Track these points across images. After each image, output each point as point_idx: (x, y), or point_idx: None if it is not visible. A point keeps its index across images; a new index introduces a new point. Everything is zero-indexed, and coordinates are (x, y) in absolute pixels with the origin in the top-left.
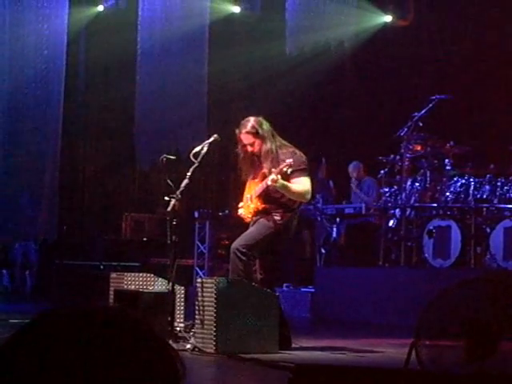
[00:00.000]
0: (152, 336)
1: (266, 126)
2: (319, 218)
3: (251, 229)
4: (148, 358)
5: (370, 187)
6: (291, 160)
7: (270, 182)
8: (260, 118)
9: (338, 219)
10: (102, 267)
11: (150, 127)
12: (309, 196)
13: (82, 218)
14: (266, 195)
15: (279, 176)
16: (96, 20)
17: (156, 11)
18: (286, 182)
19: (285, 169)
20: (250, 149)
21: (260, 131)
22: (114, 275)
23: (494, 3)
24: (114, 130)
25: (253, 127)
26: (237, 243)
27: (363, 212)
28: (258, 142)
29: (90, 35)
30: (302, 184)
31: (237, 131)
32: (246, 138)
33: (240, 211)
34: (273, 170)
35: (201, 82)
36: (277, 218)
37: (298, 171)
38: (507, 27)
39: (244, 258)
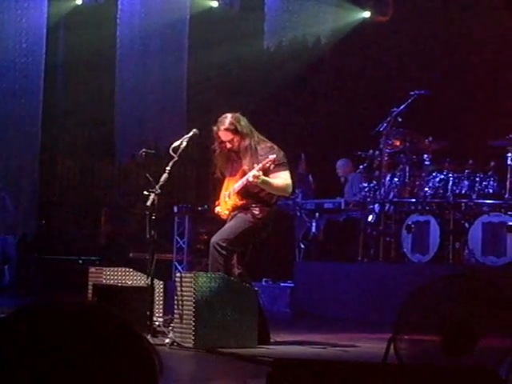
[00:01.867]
0: (128, 331)
1: (243, 122)
2: (298, 213)
3: (230, 223)
4: (124, 353)
5: (360, 183)
6: (274, 156)
7: (251, 179)
8: (237, 115)
9: (317, 214)
10: (80, 262)
11: (130, 121)
12: (290, 190)
13: (61, 213)
14: (246, 191)
15: (261, 172)
16: (75, 14)
17: (135, 5)
18: (267, 178)
19: (267, 164)
20: (228, 145)
21: (239, 128)
22: (92, 270)
23: None
24: (93, 125)
25: (231, 124)
26: (216, 238)
27: (342, 207)
28: (236, 138)
29: (69, 29)
30: (282, 178)
31: (214, 128)
32: (225, 135)
33: (217, 209)
34: (255, 165)
35: (180, 76)
36: (255, 212)
37: (277, 166)
38: (487, 21)
39: (224, 253)
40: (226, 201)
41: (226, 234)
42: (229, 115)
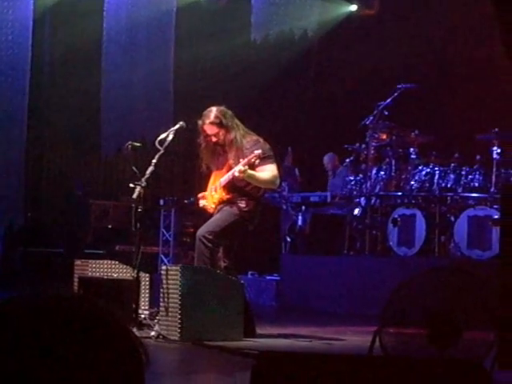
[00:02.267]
0: (113, 323)
1: (229, 115)
2: (284, 206)
3: (216, 216)
4: (109, 345)
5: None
6: (260, 151)
7: (237, 174)
8: (223, 108)
9: (303, 207)
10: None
11: (116, 114)
12: (277, 182)
13: (47, 206)
14: (232, 185)
15: (247, 166)
16: (61, 5)
17: None
18: (253, 172)
19: (253, 160)
20: (214, 139)
21: (224, 121)
22: (78, 262)
23: None
24: (80, 117)
25: (216, 117)
26: (202, 230)
27: (329, 200)
28: (222, 132)
29: (55, 21)
30: (268, 172)
31: (199, 122)
32: (210, 129)
33: (202, 202)
34: (241, 160)
35: (167, 69)
36: (242, 205)
37: (263, 159)
38: (473, 16)
39: (210, 245)
40: (213, 195)
41: (212, 227)
42: (214, 109)
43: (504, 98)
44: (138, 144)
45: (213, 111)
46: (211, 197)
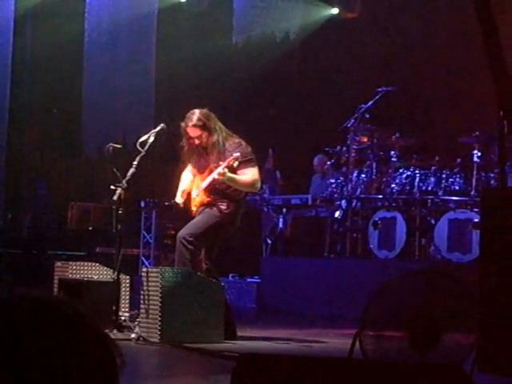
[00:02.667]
0: (87, 325)
1: (212, 117)
2: (266, 209)
3: (197, 218)
4: (83, 347)
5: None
6: (238, 154)
7: (217, 176)
8: (206, 110)
9: (284, 210)
10: (46, 256)
11: (97, 116)
12: (258, 186)
13: (27, 207)
14: (213, 188)
15: (226, 169)
16: (43, 7)
17: None
18: (233, 175)
19: (231, 162)
20: (197, 142)
21: (207, 123)
22: (58, 264)
23: None
24: (61, 118)
25: (199, 120)
26: (183, 232)
27: (309, 203)
28: (204, 134)
29: (36, 22)
30: (249, 175)
31: (182, 124)
32: (193, 131)
33: (180, 200)
34: (220, 163)
35: (148, 70)
36: (222, 207)
37: (244, 162)
38: (453, 20)
39: (190, 247)
40: (194, 198)
41: (193, 229)
42: (197, 111)
43: (484, 101)
44: (119, 146)
45: (196, 114)
46: (193, 200)
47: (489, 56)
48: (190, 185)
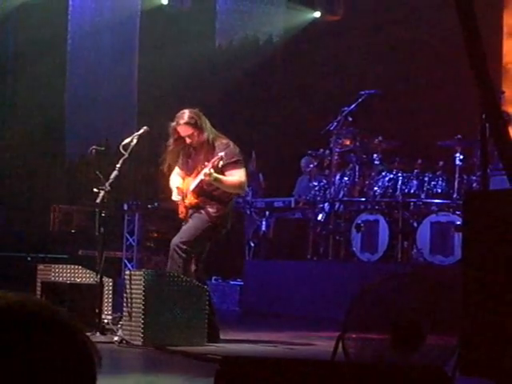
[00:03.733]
0: (64, 325)
1: (202, 117)
2: (248, 212)
3: (189, 224)
4: (60, 347)
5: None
6: (222, 153)
7: (203, 176)
8: (196, 110)
9: (267, 212)
10: (29, 259)
11: (80, 118)
12: (245, 187)
13: (9, 210)
14: (200, 190)
15: (212, 170)
16: (25, 9)
17: (86, 1)
18: (219, 176)
19: (216, 162)
20: (188, 140)
21: (198, 122)
22: (41, 267)
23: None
24: (44, 121)
25: (191, 118)
26: (177, 240)
27: (292, 205)
28: (196, 132)
29: (19, 23)
30: (236, 176)
31: (172, 124)
32: (185, 130)
33: (176, 196)
34: (206, 163)
35: (131, 73)
36: (212, 210)
37: (231, 164)
38: (436, 23)
39: (184, 255)
40: (183, 200)
41: (186, 236)
42: (187, 110)
43: (467, 104)
44: (102, 148)
45: (187, 112)
46: (181, 202)
47: (472, 61)
48: (180, 189)
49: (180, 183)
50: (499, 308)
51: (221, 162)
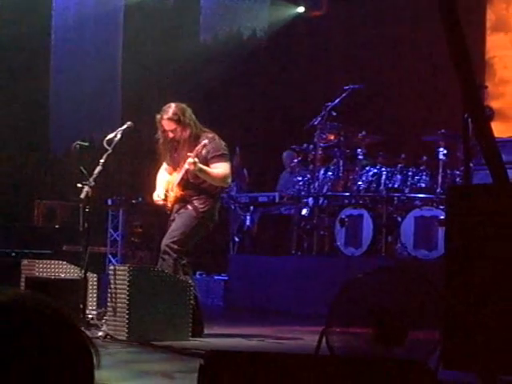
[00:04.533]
0: (64, 322)
1: (187, 112)
2: (233, 207)
3: (177, 223)
4: (60, 344)
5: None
6: (206, 141)
7: (187, 166)
8: (182, 105)
9: (251, 207)
10: (13, 255)
11: (64, 113)
12: (229, 181)
13: None
14: (186, 182)
15: (196, 159)
16: (8, 2)
17: None
18: (204, 167)
19: (200, 149)
20: (171, 135)
21: (182, 118)
22: (25, 262)
23: None
24: (28, 116)
25: (175, 114)
26: (168, 240)
27: (277, 200)
28: (179, 128)
29: (2, 18)
30: (221, 169)
31: (158, 116)
32: (168, 125)
33: (159, 195)
34: (188, 154)
35: (115, 67)
36: (199, 205)
37: (216, 157)
38: (419, 18)
39: (175, 255)
40: (170, 194)
41: (177, 235)
42: (173, 105)
43: (450, 99)
44: (86, 144)
45: (172, 107)
46: (168, 195)
47: (454, 56)
48: (167, 183)
49: (167, 178)
50: (481, 302)
51: (204, 150)
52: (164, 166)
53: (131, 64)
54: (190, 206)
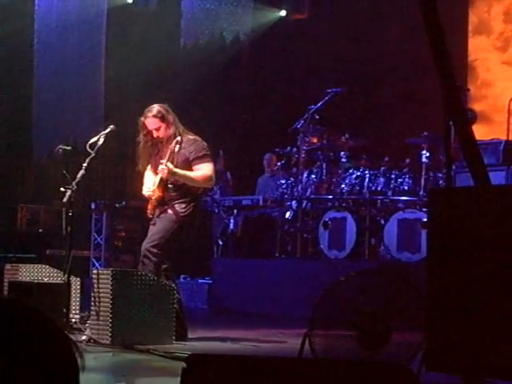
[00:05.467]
0: (48, 326)
1: (170, 112)
2: (216, 210)
3: (158, 226)
4: (44, 347)
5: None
6: (179, 138)
7: (161, 174)
8: (165, 105)
9: (235, 211)
10: None
11: (47, 117)
12: (212, 182)
13: None
14: (165, 184)
15: (169, 164)
16: None
17: (52, 0)
18: (179, 170)
19: (173, 146)
20: (155, 134)
21: (166, 116)
22: (8, 267)
23: None
24: (10, 120)
25: (159, 112)
26: (147, 244)
27: (261, 204)
28: (163, 126)
29: None
30: (203, 170)
31: (141, 118)
32: (153, 123)
33: (146, 190)
34: (161, 161)
35: (98, 72)
36: (180, 209)
37: (198, 158)
38: (401, 21)
39: (154, 259)
40: (151, 198)
41: (157, 239)
42: (156, 105)
43: (432, 102)
44: (69, 148)
45: (156, 106)
46: (149, 198)
47: (436, 59)
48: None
49: (152, 180)
50: (463, 304)
51: (177, 146)
52: (148, 167)
53: (114, 68)
54: (170, 211)
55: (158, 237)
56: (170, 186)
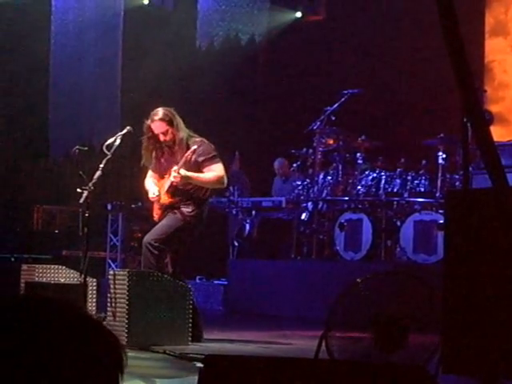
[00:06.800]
0: (100, 325)
1: (177, 115)
2: (234, 211)
3: (162, 222)
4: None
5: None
6: (195, 146)
7: (173, 179)
8: (171, 109)
9: (253, 212)
10: (13, 259)
11: (64, 118)
12: (225, 181)
13: None
14: (175, 189)
15: (182, 170)
16: (7, 9)
17: (69, 1)
18: (191, 173)
19: (189, 156)
20: (162, 138)
21: (173, 119)
22: (25, 267)
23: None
24: (27, 120)
25: (166, 115)
26: (148, 237)
27: (283, 206)
28: (171, 130)
29: (2, 23)
30: (214, 171)
31: (148, 121)
32: (160, 126)
33: (152, 195)
34: (174, 168)
35: (114, 73)
36: (187, 210)
37: (208, 160)
38: (417, 22)
39: (156, 252)
40: (159, 202)
41: (158, 234)
42: (162, 108)
43: (449, 103)
44: (85, 148)
45: (161, 109)
46: (155, 203)
47: (453, 60)
48: (159, 185)
49: (155, 185)
50: (481, 306)
51: (194, 156)
52: (149, 173)
53: (130, 69)
54: (177, 211)
55: (159, 231)
56: (179, 190)
